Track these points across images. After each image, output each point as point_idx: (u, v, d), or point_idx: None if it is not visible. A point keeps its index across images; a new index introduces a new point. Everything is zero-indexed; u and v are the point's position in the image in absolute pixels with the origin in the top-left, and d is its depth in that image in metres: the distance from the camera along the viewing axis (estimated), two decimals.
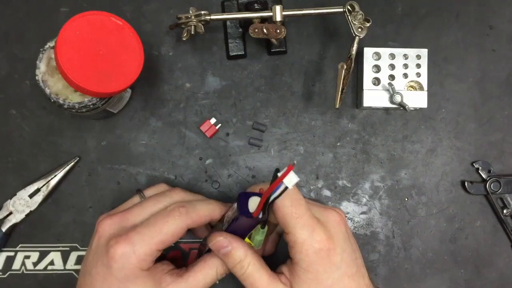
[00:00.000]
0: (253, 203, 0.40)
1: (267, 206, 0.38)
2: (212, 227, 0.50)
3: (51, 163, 0.53)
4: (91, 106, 0.46)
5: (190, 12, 0.49)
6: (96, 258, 0.42)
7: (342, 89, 0.48)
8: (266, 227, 0.43)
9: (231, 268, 0.42)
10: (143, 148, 0.54)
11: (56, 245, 0.53)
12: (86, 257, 0.44)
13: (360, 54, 0.54)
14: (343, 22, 0.52)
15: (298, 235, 0.40)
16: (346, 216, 0.55)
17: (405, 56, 0.53)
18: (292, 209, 0.40)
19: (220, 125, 0.54)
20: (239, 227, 0.42)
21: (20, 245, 0.53)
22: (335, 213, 0.44)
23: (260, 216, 0.39)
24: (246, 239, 0.43)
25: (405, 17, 0.56)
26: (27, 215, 0.52)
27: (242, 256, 0.41)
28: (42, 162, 0.53)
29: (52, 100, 0.45)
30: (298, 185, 0.54)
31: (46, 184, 0.52)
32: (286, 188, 0.37)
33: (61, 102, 0.45)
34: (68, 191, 0.53)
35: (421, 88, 0.54)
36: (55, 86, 0.45)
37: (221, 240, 0.41)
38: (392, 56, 0.53)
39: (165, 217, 0.42)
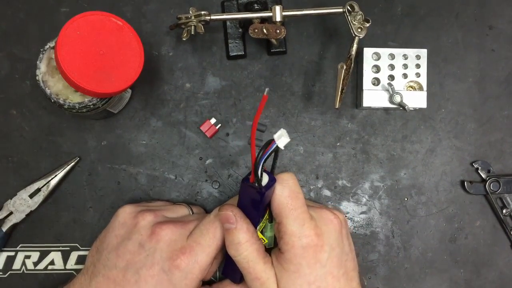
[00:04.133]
0: (263, 178, 0.40)
1: (258, 168, 0.38)
2: None
3: (51, 163, 0.53)
4: (92, 106, 0.46)
5: (190, 12, 0.49)
6: (151, 260, 0.42)
7: (342, 89, 0.48)
8: (274, 221, 0.43)
9: (227, 246, 0.42)
10: (143, 148, 0.54)
11: (57, 245, 0.53)
12: (132, 253, 0.43)
13: (359, 54, 0.54)
14: (343, 22, 0.52)
15: (289, 226, 0.40)
16: (346, 217, 0.55)
17: (405, 56, 0.54)
18: (288, 200, 0.41)
19: (220, 125, 0.54)
20: (244, 202, 0.42)
21: (20, 245, 0.53)
22: (329, 212, 0.44)
23: (257, 185, 0.38)
24: (259, 234, 0.43)
25: (405, 17, 0.56)
26: (27, 215, 0.52)
27: (241, 239, 0.41)
28: (42, 162, 0.53)
29: (53, 100, 0.45)
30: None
31: (47, 184, 0.52)
32: (278, 148, 0.37)
33: (61, 102, 0.45)
34: (68, 191, 0.53)
35: (421, 88, 0.54)
36: (55, 86, 0.45)
37: (229, 214, 0.41)
38: (392, 56, 0.53)
39: (214, 222, 0.43)
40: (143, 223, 0.44)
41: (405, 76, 0.54)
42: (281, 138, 0.36)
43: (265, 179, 0.40)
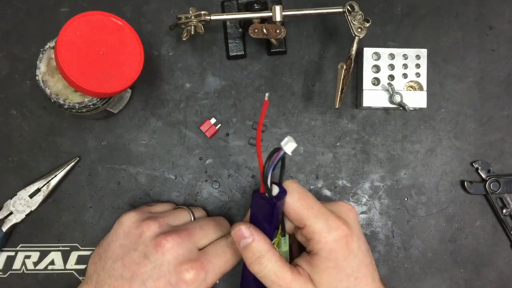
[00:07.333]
0: (273, 189, 0.39)
1: (267, 177, 0.37)
2: None
3: (51, 163, 0.53)
4: (92, 106, 0.46)
5: (190, 12, 0.49)
6: (158, 272, 0.42)
7: (342, 89, 0.48)
8: (287, 235, 0.43)
9: (249, 264, 0.41)
10: (143, 148, 0.54)
11: (57, 245, 0.53)
12: (138, 264, 0.43)
13: (359, 54, 0.54)
14: (343, 22, 0.52)
15: (314, 225, 0.40)
16: None
17: (405, 56, 0.54)
18: (301, 202, 0.40)
19: (220, 125, 0.54)
20: (256, 217, 0.41)
21: (20, 245, 0.53)
22: (344, 203, 0.44)
23: (267, 195, 0.38)
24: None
25: (405, 17, 0.56)
26: (27, 215, 0.52)
27: (262, 251, 0.40)
28: (42, 162, 0.53)
29: (53, 100, 0.45)
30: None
31: (47, 184, 0.52)
32: (285, 154, 0.36)
33: (61, 102, 0.45)
34: (68, 191, 0.53)
35: (421, 88, 0.54)
36: (55, 86, 0.45)
37: (242, 229, 0.40)
38: (392, 56, 0.53)
39: (233, 245, 0.44)
40: (148, 234, 0.44)
41: (405, 76, 0.54)
42: (288, 144, 0.36)
43: (276, 190, 0.39)
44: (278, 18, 0.49)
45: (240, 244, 0.41)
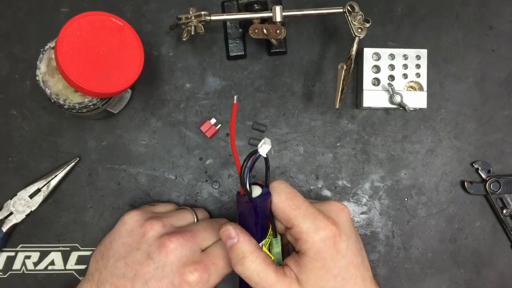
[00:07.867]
0: (254, 190, 0.40)
1: (245, 178, 0.38)
2: None
3: (51, 163, 0.53)
4: (92, 106, 0.46)
5: (190, 12, 0.49)
6: (161, 273, 0.42)
7: (342, 90, 0.48)
8: (279, 236, 0.43)
9: (233, 265, 0.41)
10: (143, 148, 0.54)
11: (57, 245, 0.53)
12: (140, 263, 0.43)
13: (360, 55, 0.54)
14: (343, 23, 0.52)
15: (302, 224, 0.40)
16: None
17: (405, 57, 0.54)
18: (288, 202, 0.40)
19: (220, 125, 0.54)
20: (243, 218, 0.41)
21: (20, 245, 0.53)
22: (336, 202, 0.44)
23: (247, 196, 0.39)
24: (265, 250, 0.42)
25: (405, 17, 0.56)
26: (27, 215, 0.52)
27: (245, 252, 0.40)
28: (42, 162, 0.53)
29: (53, 101, 0.45)
30: (297, 186, 0.54)
31: (47, 184, 0.52)
32: (260, 156, 0.37)
33: (61, 102, 0.45)
34: (69, 191, 0.53)
35: (421, 89, 0.54)
36: (55, 86, 0.45)
37: (229, 229, 0.41)
38: (392, 56, 0.53)
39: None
40: (151, 233, 0.44)
41: (405, 76, 0.54)
42: (262, 146, 0.37)
43: (258, 191, 0.40)
44: (278, 18, 0.49)
45: (227, 244, 0.41)
